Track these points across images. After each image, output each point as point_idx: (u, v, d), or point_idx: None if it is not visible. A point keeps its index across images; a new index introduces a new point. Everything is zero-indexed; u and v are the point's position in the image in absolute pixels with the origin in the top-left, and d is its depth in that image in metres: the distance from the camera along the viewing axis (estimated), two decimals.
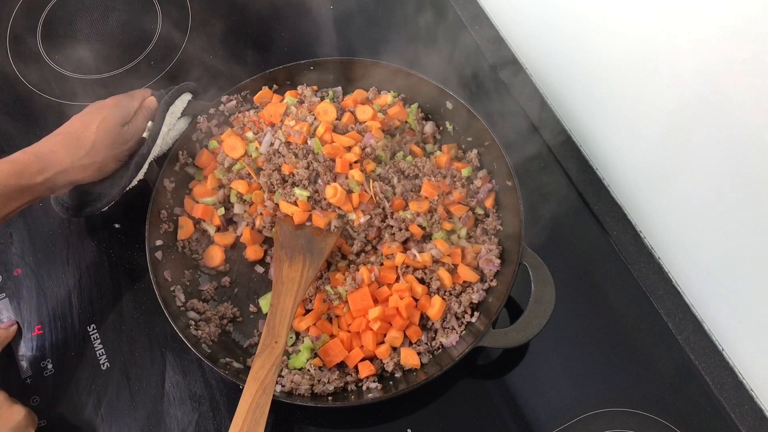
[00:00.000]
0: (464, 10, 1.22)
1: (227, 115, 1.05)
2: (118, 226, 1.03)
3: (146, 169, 0.95)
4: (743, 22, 0.71)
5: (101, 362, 0.94)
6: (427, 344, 0.91)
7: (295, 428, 0.91)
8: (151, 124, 0.96)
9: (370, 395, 0.87)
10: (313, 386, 0.88)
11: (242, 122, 1.04)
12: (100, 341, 0.95)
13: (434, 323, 0.92)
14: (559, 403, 0.92)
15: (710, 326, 0.97)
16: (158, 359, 0.94)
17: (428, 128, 1.05)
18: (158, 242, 0.96)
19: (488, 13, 1.22)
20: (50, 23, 1.23)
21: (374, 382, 0.89)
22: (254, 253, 1.00)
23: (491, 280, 0.93)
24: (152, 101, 0.97)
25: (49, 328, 0.96)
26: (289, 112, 1.02)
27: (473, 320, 0.91)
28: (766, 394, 0.92)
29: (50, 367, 0.93)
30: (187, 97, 1.01)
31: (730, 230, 0.88)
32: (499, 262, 0.93)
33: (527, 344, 0.91)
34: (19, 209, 0.87)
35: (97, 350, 0.94)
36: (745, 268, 0.88)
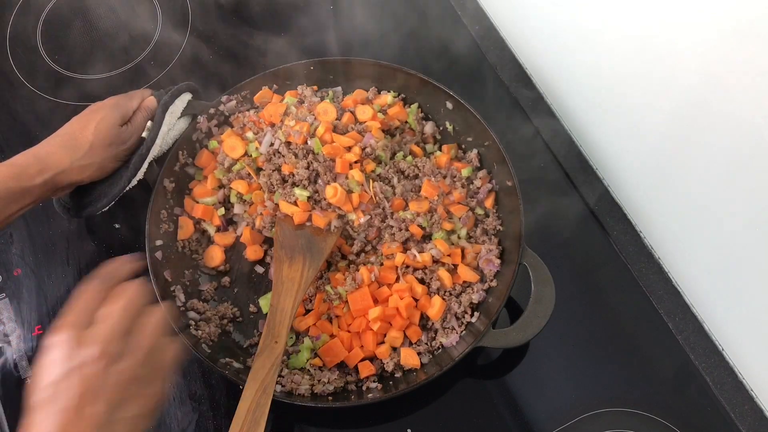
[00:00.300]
0: (464, 10, 1.22)
1: (227, 115, 1.05)
2: (118, 226, 1.03)
3: (146, 168, 0.95)
4: (743, 22, 0.71)
5: None
6: (427, 344, 0.91)
7: (295, 428, 0.91)
8: (150, 123, 0.96)
9: (370, 395, 0.87)
10: (313, 386, 0.88)
11: (242, 122, 1.04)
12: None
13: (434, 323, 0.92)
14: (559, 403, 0.92)
15: (710, 326, 0.97)
16: None
17: (428, 128, 1.05)
18: (158, 242, 0.96)
19: (488, 13, 1.22)
20: (50, 23, 1.23)
21: (374, 382, 0.89)
22: (254, 253, 0.99)
23: (491, 280, 0.93)
24: (152, 101, 0.97)
25: (49, 328, 0.96)
26: (289, 112, 1.02)
27: (473, 320, 0.91)
28: (766, 394, 0.92)
29: None
30: (186, 96, 1.01)
31: (730, 230, 0.88)
32: (499, 262, 0.93)
33: (527, 344, 0.91)
34: (20, 212, 0.87)
35: None
36: (745, 268, 0.88)
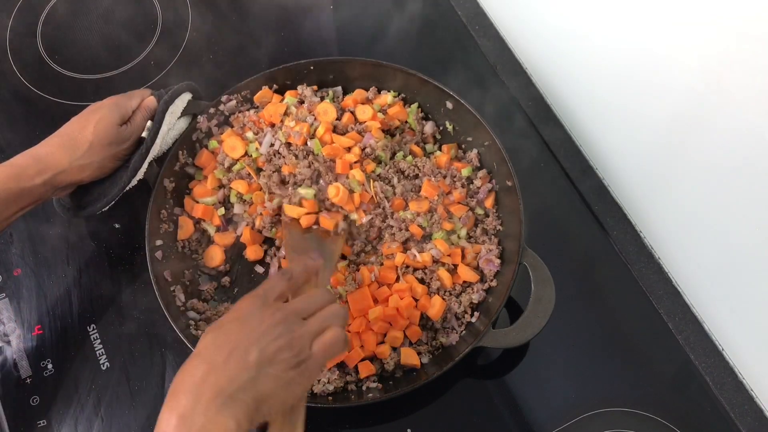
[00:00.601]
0: (465, 10, 1.22)
1: (227, 115, 1.05)
2: (118, 226, 1.03)
3: (146, 168, 0.95)
4: (743, 22, 0.71)
5: (101, 362, 0.94)
6: (427, 344, 0.91)
7: None
8: (150, 123, 0.95)
9: (370, 395, 0.87)
10: (313, 386, 0.88)
11: (242, 122, 1.04)
12: (100, 341, 0.95)
13: (434, 323, 0.92)
14: (559, 403, 0.92)
15: (710, 326, 0.97)
16: (158, 359, 0.94)
17: (428, 128, 1.05)
18: (158, 242, 0.96)
19: (488, 13, 1.22)
20: (50, 23, 1.23)
21: (374, 382, 0.89)
22: (254, 253, 0.99)
23: (491, 280, 0.93)
24: (152, 101, 0.97)
25: (49, 328, 0.96)
26: (289, 112, 1.02)
27: (473, 320, 0.91)
28: (766, 394, 0.92)
29: (50, 367, 0.93)
30: (187, 96, 1.01)
31: (730, 230, 0.88)
32: (499, 262, 0.93)
33: (527, 344, 0.91)
34: (20, 212, 0.87)
35: (97, 350, 0.94)
36: (745, 268, 0.88)
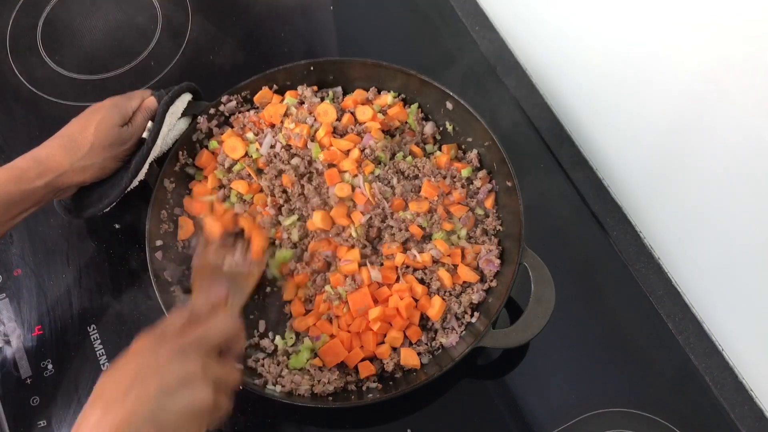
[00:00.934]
0: (464, 10, 1.22)
1: (227, 115, 1.05)
2: (118, 226, 1.03)
3: (146, 169, 0.95)
4: (744, 22, 0.71)
5: (101, 362, 0.94)
6: (427, 344, 0.91)
7: (295, 428, 0.91)
8: (150, 124, 0.95)
9: (370, 395, 0.87)
10: (313, 386, 0.88)
11: (242, 123, 1.04)
12: (100, 341, 0.95)
13: (434, 323, 0.92)
14: (559, 403, 0.92)
15: (710, 326, 0.97)
16: None
17: (428, 128, 1.05)
18: (158, 242, 0.96)
19: (488, 13, 1.22)
20: (50, 23, 1.23)
21: (374, 382, 0.89)
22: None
23: (491, 280, 0.93)
24: (152, 101, 0.97)
25: (49, 328, 0.96)
26: (289, 113, 1.02)
27: (473, 320, 0.91)
28: (766, 394, 0.92)
29: (50, 367, 0.93)
30: (187, 97, 1.01)
31: (730, 230, 0.88)
32: (499, 262, 0.93)
33: (527, 344, 0.91)
34: (22, 215, 0.87)
35: (97, 350, 0.94)
36: (745, 268, 0.88)
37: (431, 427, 0.90)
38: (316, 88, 1.07)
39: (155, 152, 0.96)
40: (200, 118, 1.02)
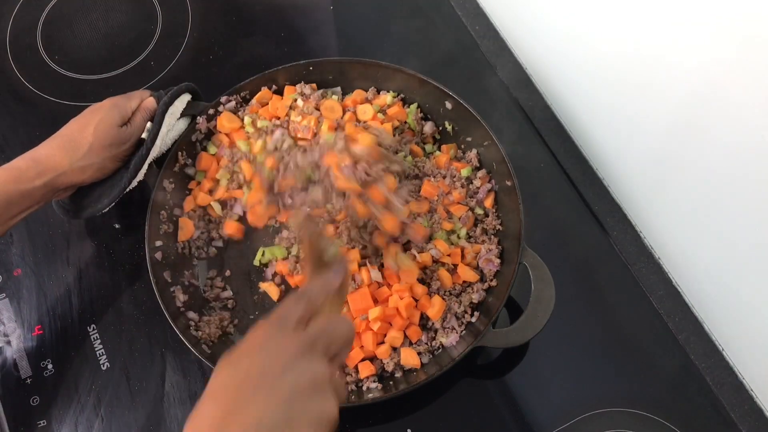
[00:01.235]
0: (464, 10, 1.22)
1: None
2: (118, 226, 1.03)
3: (146, 170, 0.95)
4: (744, 22, 0.71)
5: (101, 362, 0.94)
6: (427, 344, 0.91)
7: None
8: (150, 124, 0.96)
9: (370, 395, 0.87)
10: None
11: (243, 116, 1.04)
12: (100, 341, 0.95)
13: (434, 323, 0.92)
14: (559, 403, 0.92)
15: (710, 326, 0.97)
16: (158, 359, 0.94)
17: (428, 128, 1.05)
18: (158, 243, 0.96)
19: (488, 13, 1.22)
20: (50, 23, 1.23)
21: (374, 382, 0.89)
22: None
23: (491, 279, 0.93)
24: (151, 102, 0.97)
25: (49, 328, 0.96)
26: (294, 106, 1.02)
27: (473, 320, 0.91)
28: (766, 394, 0.92)
29: (50, 367, 0.93)
30: (186, 97, 1.01)
31: (730, 230, 0.88)
32: (498, 261, 0.93)
33: (527, 344, 0.91)
34: (21, 215, 0.87)
35: (97, 350, 0.94)
36: (745, 268, 0.88)
37: (431, 427, 0.90)
38: (315, 86, 1.07)
39: (154, 152, 0.96)
40: (199, 118, 1.02)
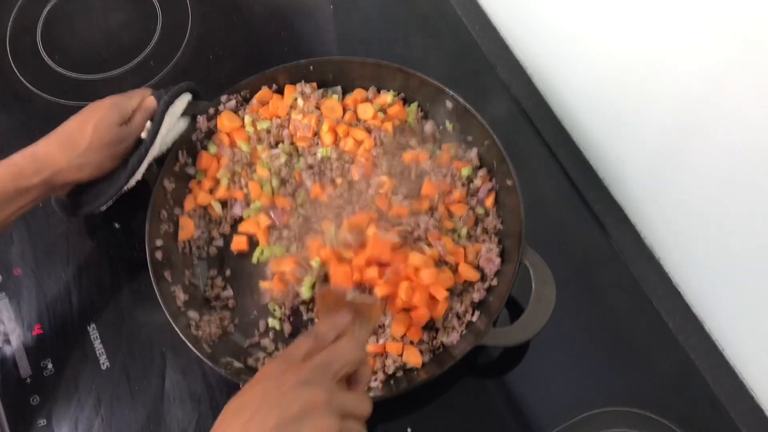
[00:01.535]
0: (464, 10, 1.22)
1: None
2: (118, 226, 1.03)
3: (144, 169, 0.95)
4: (744, 22, 0.71)
5: (101, 362, 0.94)
6: (428, 343, 0.91)
7: None
8: (149, 124, 0.96)
9: (370, 394, 0.87)
10: None
11: (242, 116, 1.04)
12: (100, 341, 0.95)
13: (435, 322, 0.92)
14: (559, 402, 0.92)
15: (710, 326, 0.97)
16: (158, 359, 0.94)
17: (428, 128, 1.05)
18: (158, 242, 0.96)
19: (488, 13, 1.22)
20: (50, 23, 1.23)
21: (374, 381, 0.89)
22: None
23: (492, 279, 0.93)
24: (151, 101, 0.97)
25: (49, 328, 0.96)
26: (295, 106, 1.03)
27: (474, 319, 0.91)
28: (766, 394, 0.92)
29: (50, 367, 0.93)
30: (186, 97, 1.01)
31: (730, 230, 0.88)
32: (499, 261, 0.93)
33: (528, 343, 0.91)
34: (18, 212, 0.87)
35: (97, 350, 0.94)
36: (745, 268, 0.88)
37: (431, 426, 0.90)
38: (315, 85, 1.07)
39: (154, 152, 0.96)
40: (200, 117, 1.02)
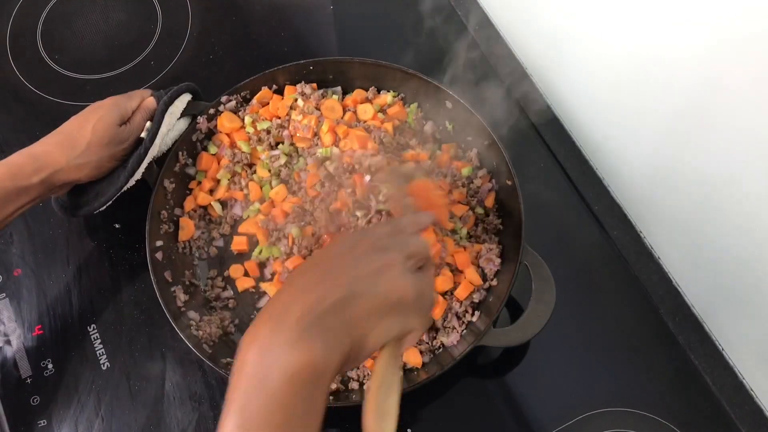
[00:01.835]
0: (464, 10, 1.22)
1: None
2: (118, 226, 1.03)
3: (144, 169, 0.95)
4: (744, 22, 0.71)
5: (101, 362, 0.94)
6: (428, 344, 0.91)
7: None
8: (149, 124, 0.96)
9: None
10: None
11: (242, 116, 1.04)
12: (100, 341, 0.95)
13: (435, 323, 0.92)
14: (559, 402, 0.91)
15: (710, 326, 0.97)
16: (158, 359, 0.94)
17: (428, 128, 1.05)
18: (158, 243, 0.96)
19: (488, 13, 1.22)
20: (50, 23, 1.23)
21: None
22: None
23: (492, 279, 0.93)
24: (151, 101, 0.97)
25: (49, 328, 0.96)
26: (295, 106, 1.03)
27: (474, 319, 0.91)
28: (766, 394, 0.92)
29: (50, 367, 0.93)
30: (186, 97, 1.01)
31: (730, 230, 0.88)
32: (499, 261, 0.93)
33: (527, 344, 0.91)
34: (18, 211, 0.87)
35: (97, 350, 0.94)
36: (745, 268, 0.88)
37: (431, 426, 0.90)
38: (315, 85, 1.07)
39: (153, 152, 0.96)
40: (200, 118, 1.02)
